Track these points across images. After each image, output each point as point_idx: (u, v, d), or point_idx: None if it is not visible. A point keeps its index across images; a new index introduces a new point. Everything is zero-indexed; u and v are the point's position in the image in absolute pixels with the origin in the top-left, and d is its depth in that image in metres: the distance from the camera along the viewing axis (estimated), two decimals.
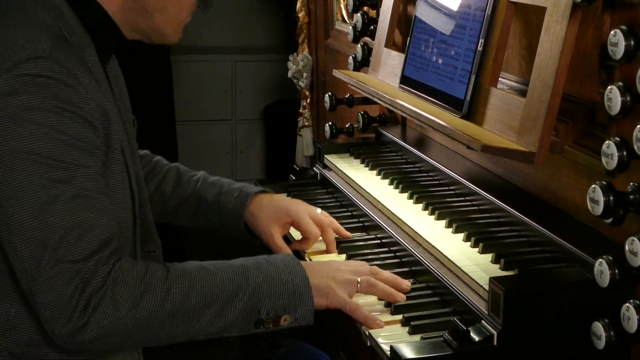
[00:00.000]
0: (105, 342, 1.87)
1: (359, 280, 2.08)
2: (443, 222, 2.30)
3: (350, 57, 3.14)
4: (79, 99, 1.88)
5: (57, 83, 1.86)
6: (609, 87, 1.82)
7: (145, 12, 2.06)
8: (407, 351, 1.84)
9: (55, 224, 1.84)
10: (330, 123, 3.21)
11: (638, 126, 1.73)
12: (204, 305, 1.94)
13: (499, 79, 2.27)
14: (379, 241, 2.42)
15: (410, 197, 2.50)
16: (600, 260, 1.78)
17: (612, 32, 1.81)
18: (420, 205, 2.43)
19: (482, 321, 1.88)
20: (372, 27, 3.07)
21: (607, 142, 1.81)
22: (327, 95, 3.23)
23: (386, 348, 1.91)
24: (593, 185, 1.82)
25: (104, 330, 1.85)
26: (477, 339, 1.84)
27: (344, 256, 2.36)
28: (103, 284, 1.85)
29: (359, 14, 3.12)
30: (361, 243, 2.43)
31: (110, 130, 1.97)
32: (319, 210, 2.45)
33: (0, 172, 1.84)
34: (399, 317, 2.03)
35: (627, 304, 1.74)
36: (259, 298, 1.97)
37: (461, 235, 2.21)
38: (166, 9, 2.07)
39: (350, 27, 3.16)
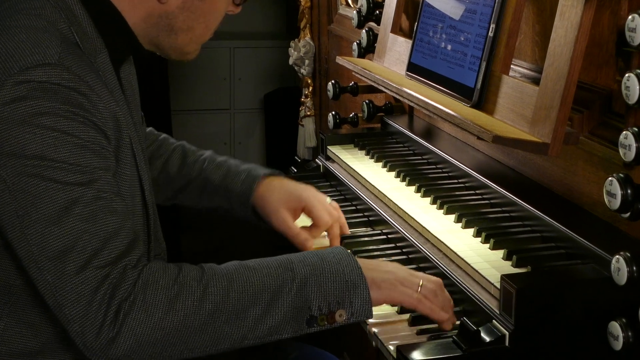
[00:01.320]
0: (142, 354, 1.81)
1: (421, 283, 1.99)
2: (452, 217, 2.30)
3: (355, 43, 3.14)
4: (91, 106, 1.86)
5: (67, 90, 1.83)
6: (627, 75, 1.82)
7: (170, 30, 2.04)
8: (414, 352, 1.85)
9: (77, 228, 1.80)
10: (333, 112, 3.21)
11: None
12: (248, 303, 1.86)
13: (511, 66, 2.27)
14: (384, 237, 2.43)
15: (418, 191, 2.50)
16: (617, 256, 1.78)
17: (629, 17, 1.81)
18: (428, 199, 2.44)
19: (493, 321, 1.88)
20: (377, 11, 3.07)
21: (624, 132, 1.81)
22: (330, 83, 3.23)
23: (392, 349, 1.91)
24: (610, 178, 1.82)
25: (138, 339, 1.79)
26: (488, 339, 1.85)
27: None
28: (133, 288, 1.80)
29: None
30: (366, 239, 2.43)
31: (121, 142, 1.95)
32: (328, 199, 2.45)
33: (15, 180, 1.81)
34: (406, 316, 2.03)
35: None
36: (308, 292, 1.89)
37: (471, 231, 2.21)
38: (193, 29, 2.06)
39: (354, 12, 3.16)
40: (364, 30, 3.10)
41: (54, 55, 1.85)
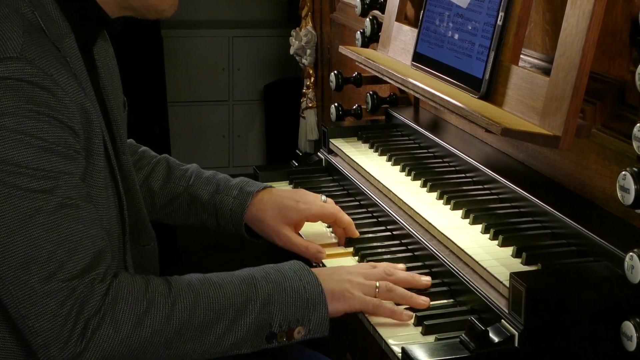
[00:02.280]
0: None
1: (377, 285, 2.07)
2: (459, 213, 2.30)
3: (358, 32, 3.14)
4: (57, 102, 1.84)
5: (30, 86, 1.81)
6: None
7: None
8: (420, 353, 1.84)
9: (41, 238, 1.80)
10: (336, 104, 3.21)
11: None
12: (213, 320, 1.92)
13: (521, 56, 2.27)
14: (389, 233, 2.43)
15: (424, 185, 2.50)
16: (630, 254, 1.78)
17: None
18: (435, 194, 2.43)
19: (502, 320, 1.88)
20: None
21: (638, 125, 1.80)
22: (332, 73, 3.23)
23: (397, 350, 1.91)
24: (623, 172, 1.82)
25: (104, 354, 1.82)
26: (496, 339, 1.85)
27: (351, 249, 2.37)
28: (102, 304, 1.82)
29: None
30: (370, 235, 2.43)
31: (92, 134, 1.93)
32: (323, 197, 2.45)
33: None
34: (412, 316, 2.03)
35: None
36: (270, 309, 1.96)
37: (479, 227, 2.21)
38: None
39: (357, 0, 3.16)
40: (367, 19, 3.10)
41: (16, 47, 1.82)
